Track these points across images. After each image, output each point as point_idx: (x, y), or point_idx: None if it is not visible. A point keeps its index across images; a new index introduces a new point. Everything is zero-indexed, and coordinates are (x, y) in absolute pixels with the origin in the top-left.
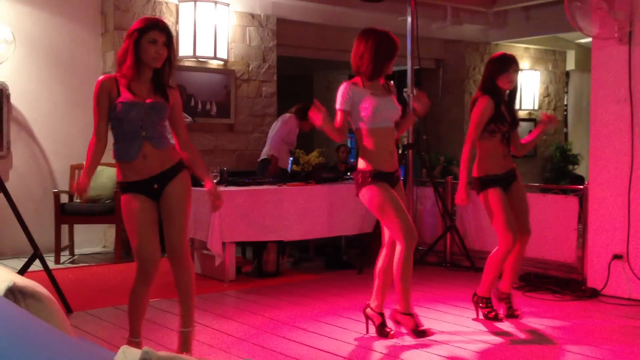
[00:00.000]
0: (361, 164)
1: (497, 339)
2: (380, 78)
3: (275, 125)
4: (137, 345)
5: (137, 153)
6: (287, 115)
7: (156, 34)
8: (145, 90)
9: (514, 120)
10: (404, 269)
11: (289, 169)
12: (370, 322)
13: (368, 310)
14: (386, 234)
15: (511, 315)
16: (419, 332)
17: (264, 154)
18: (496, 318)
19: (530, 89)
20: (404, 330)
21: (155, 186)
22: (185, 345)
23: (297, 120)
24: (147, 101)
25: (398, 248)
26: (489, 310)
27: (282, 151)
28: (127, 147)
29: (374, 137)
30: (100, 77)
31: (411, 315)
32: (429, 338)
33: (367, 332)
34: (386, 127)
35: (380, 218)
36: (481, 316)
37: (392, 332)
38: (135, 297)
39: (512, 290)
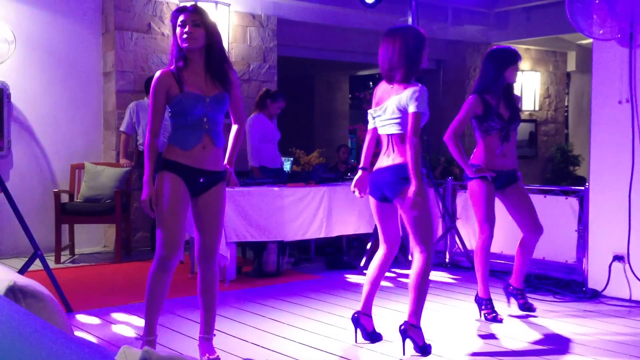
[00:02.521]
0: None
1: (497, 341)
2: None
3: (248, 134)
4: (152, 344)
5: (196, 143)
6: (251, 117)
7: (183, 15)
8: (203, 80)
9: (514, 116)
10: (426, 280)
11: (282, 166)
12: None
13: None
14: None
15: (528, 309)
16: (427, 347)
17: (249, 165)
18: (495, 319)
19: (530, 90)
20: (412, 344)
21: (202, 180)
22: (210, 352)
23: (261, 112)
24: (211, 94)
25: (421, 256)
26: (488, 311)
27: (267, 150)
28: (188, 135)
29: None
30: (158, 73)
31: (421, 329)
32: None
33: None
34: None
35: (425, 220)
36: (483, 317)
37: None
38: (154, 286)
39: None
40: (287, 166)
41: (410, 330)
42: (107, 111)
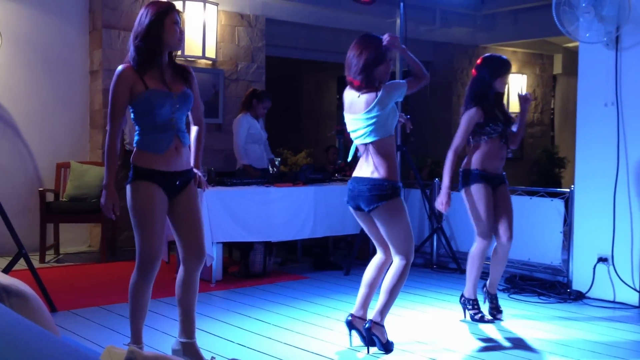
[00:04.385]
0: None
1: (483, 342)
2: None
3: (235, 134)
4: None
5: (169, 146)
6: (238, 117)
7: (176, 15)
8: (168, 76)
9: (507, 118)
10: (401, 284)
11: (268, 167)
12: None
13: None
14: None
15: (494, 315)
16: (390, 344)
17: (238, 164)
18: (482, 320)
19: (517, 92)
20: (376, 342)
21: (177, 183)
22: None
23: (248, 112)
24: (177, 91)
25: (400, 262)
26: (475, 311)
27: (253, 151)
28: (159, 139)
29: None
30: (120, 67)
31: (384, 327)
32: (413, 342)
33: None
34: None
35: (403, 232)
36: (468, 318)
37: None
38: (136, 295)
39: (496, 292)
40: None
41: (375, 328)
42: (93, 110)
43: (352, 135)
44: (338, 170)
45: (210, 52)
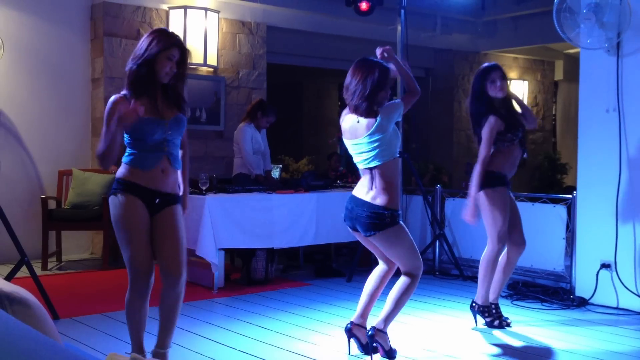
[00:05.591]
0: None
1: (485, 349)
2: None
3: (237, 141)
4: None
5: (155, 165)
6: (241, 126)
7: (175, 51)
8: (159, 102)
9: (522, 123)
10: (407, 296)
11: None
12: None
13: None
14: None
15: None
16: (393, 351)
17: (238, 168)
18: (497, 324)
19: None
20: (379, 349)
21: (157, 201)
22: None
23: (251, 123)
24: (169, 117)
25: (407, 278)
26: (492, 318)
27: (254, 160)
28: (146, 157)
29: None
30: (113, 98)
31: (387, 334)
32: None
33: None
34: None
35: (407, 252)
36: (480, 324)
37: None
38: (132, 311)
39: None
40: (275, 173)
41: (377, 335)
42: (95, 117)
43: (356, 160)
44: (340, 177)
45: (212, 60)
